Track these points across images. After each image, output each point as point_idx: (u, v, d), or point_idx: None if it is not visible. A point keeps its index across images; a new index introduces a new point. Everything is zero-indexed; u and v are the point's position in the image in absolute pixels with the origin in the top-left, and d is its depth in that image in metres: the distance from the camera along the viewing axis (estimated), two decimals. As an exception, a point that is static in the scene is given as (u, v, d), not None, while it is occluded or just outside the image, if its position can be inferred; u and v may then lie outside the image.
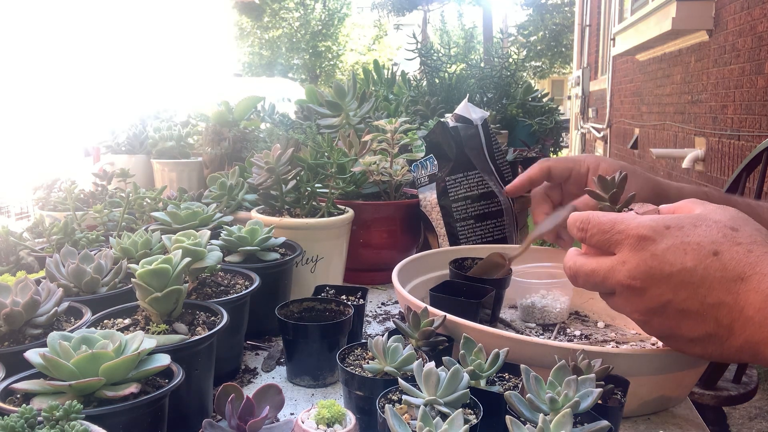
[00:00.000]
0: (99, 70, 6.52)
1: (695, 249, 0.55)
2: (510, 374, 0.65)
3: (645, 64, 6.27)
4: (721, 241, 0.55)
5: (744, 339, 0.54)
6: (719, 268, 0.54)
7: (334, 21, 20.90)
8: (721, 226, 0.56)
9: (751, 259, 0.53)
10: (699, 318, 0.55)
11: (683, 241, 0.55)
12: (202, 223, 0.98)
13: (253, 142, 1.40)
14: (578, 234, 0.63)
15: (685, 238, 0.56)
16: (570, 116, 10.85)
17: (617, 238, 0.59)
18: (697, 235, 0.56)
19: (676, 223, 0.57)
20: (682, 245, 0.55)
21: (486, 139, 1.15)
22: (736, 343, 0.54)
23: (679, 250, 0.55)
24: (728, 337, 0.55)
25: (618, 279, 0.58)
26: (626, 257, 0.58)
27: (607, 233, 0.59)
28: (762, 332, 0.52)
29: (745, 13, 3.83)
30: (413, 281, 0.94)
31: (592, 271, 0.61)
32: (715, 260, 0.54)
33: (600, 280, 0.61)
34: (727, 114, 4.06)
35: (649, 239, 0.56)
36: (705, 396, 1.71)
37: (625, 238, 0.58)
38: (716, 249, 0.54)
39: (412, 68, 2.22)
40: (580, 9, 11.04)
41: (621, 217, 0.60)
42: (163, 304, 0.66)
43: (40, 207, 1.19)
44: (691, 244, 0.55)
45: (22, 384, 0.51)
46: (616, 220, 0.59)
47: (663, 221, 0.57)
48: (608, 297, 0.63)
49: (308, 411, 0.55)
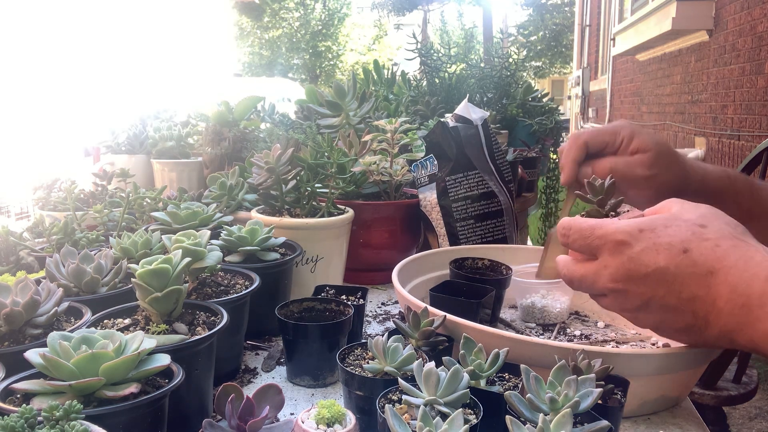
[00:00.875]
0: (99, 70, 6.52)
1: (667, 249, 0.59)
2: (510, 374, 0.65)
3: (645, 64, 6.28)
4: (690, 239, 0.59)
5: (719, 328, 0.58)
6: (690, 264, 0.58)
7: (334, 21, 20.89)
8: (690, 224, 0.60)
9: (719, 253, 0.57)
10: (678, 312, 0.60)
11: (655, 242, 0.59)
12: (202, 223, 0.98)
13: (253, 142, 1.40)
14: (562, 239, 0.67)
15: (657, 239, 0.59)
16: (570, 116, 10.85)
17: (597, 243, 0.63)
18: (668, 235, 0.59)
19: (649, 225, 0.61)
20: (655, 246, 0.59)
21: (486, 139, 1.15)
22: (713, 333, 0.58)
23: (653, 251, 0.59)
24: (705, 327, 0.59)
25: (603, 282, 0.63)
26: (607, 261, 0.62)
27: (587, 239, 0.64)
28: (732, 321, 0.56)
29: (745, 13, 3.83)
30: (413, 281, 0.94)
31: (582, 277, 0.65)
32: (685, 257, 0.58)
33: (590, 284, 0.65)
34: (727, 114, 4.06)
35: (626, 243, 0.61)
36: (705, 396, 1.71)
37: (605, 243, 0.62)
38: (686, 247, 0.58)
39: (412, 68, 2.21)
40: (580, 9, 11.05)
41: (600, 223, 0.64)
42: (163, 304, 0.66)
43: (40, 207, 1.19)
44: (663, 244, 0.59)
45: (22, 384, 0.51)
46: (595, 226, 0.63)
47: (637, 225, 0.61)
48: (599, 298, 0.66)
49: (308, 411, 0.55)
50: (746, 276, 0.55)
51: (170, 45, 8.70)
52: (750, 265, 0.56)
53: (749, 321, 0.55)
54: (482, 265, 0.97)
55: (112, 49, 7.01)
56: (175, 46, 8.84)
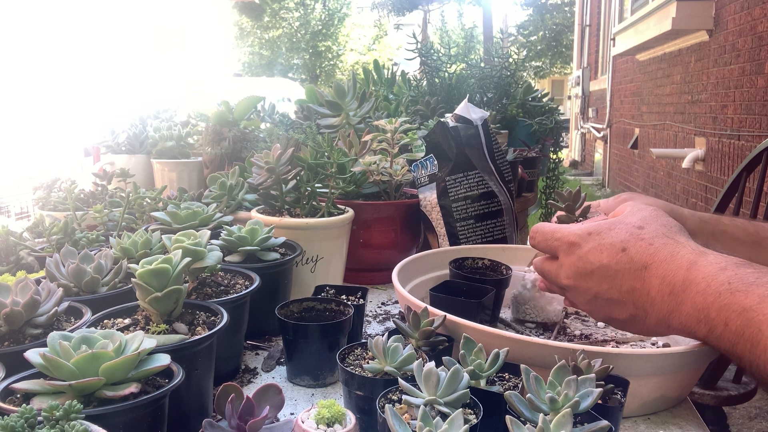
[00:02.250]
0: (99, 70, 6.52)
1: (609, 248, 0.67)
2: (510, 374, 0.65)
3: (645, 64, 6.28)
4: (628, 239, 0.67)
5: (655, 316, 0.65)
6: (627, 261, 0.66)
7: (334, 21, 20.88)
8: (629, 226, 0.68)
9: (651, 250, 0.65)
10: (621, 304, 0.67)
11: (600, 243, 0.68)
12: (202, 223, 0.98)
13: (253, 142, 1.40)
14: (531, 242, 0.76)
15: (602, 240, 0.68)
16: (570, 116, 10.85)
17: (555, 244, 0.72)
18: (611, 236, 0.68)
19: (596, 229, 0.70)
20: (599, 247, 0.68)
21: (486, 139, 1.15)
22: (652, 321, 0.66)
23: (597, 251, 0.68)
24: (645, 316, 0.66)
25: (561, 279, 0.72)
26: (563, 261, 0.72)
27: (548, 240, 0.73)
28: (665, 308, 0.63)
29: (745, 13, 3.83)
30: (413, 281, 0.94)
31: (547, 272, 0.75)
32: (623, 255, 0.66)
33: (552, 280, 0.74)
34: (727, 114, 4.06)
35: (576, 245, 0.70)
36: (705, 396, 1.71)
37: (561, 245, 0.72)
38: (624, 246, 0.67)
39: (412, 68, 2.21)
40: (580, 9, 11.05)
41: (559, 227, 0.73)
42: (163, 304, 0.66)
43: (40, 207, 1.19)
44: (606, 245, 0.68)
45: (22, 384, 0.51)
46: (555, 230, 0.73)
47: (587, 228, 0.70)
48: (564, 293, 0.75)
49: (308, 411, 0.55)
50: (672, 267, 0.63)
51: (170, 45, 8.70)
52: (675, 258, 0.63)
53: (676, 305, 0.62)
54: (482, 265, 0.97)
55: (112, 48, 7.01)
56: (175, 46, 8.84)
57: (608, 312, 0.69)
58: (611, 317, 0.70)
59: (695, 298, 0.60)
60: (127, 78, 6.85)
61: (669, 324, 0.64)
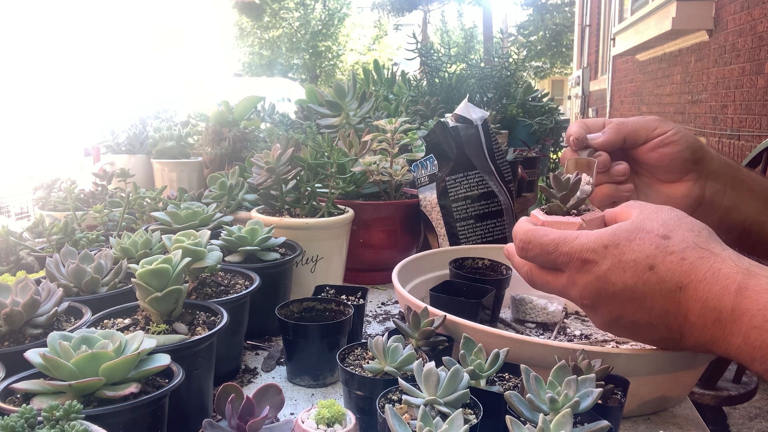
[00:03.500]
0: (99, 70, 6.52)
1: (633, 267, 0.58)
2: (510, 374, 0.65)
3: (645, 64, 6.28)
4: (655, 254, 0.57)
5: (693, 341, 0.58)
6: (657, 281, 0.57)
7: (334, 21, 20.88)
8: (653, 236, 0.58)
9: (685, 267, 0.56)
10: (651, 327, 0.59)
11: (621, 260, 0.58)
12: (202, 223, 0.98)
13: (253, 142, 1.40)
14: (520, 253, 0.65)
15: (623, 256, 0.58)
16: (570, 116, 10.85)
17: (562, 259, 0.61)
18: (632, 251, 0.58)
19: (613, 240, 0.59)
20: (621, 264, 0.58)
21: (486, 139, 1.15)
22: (688, 344, 0.58)
23: (619, 270, 0.58)
24: (680, 339, 0.59)
25: (572, 297, 0.63)
26: (575, 278, 0.61)
27: (550, 254, 0.62)
28: (707, 335, 0.56)
29: (745, 13, 3.83)
30: (413, 281, 0.94)
31: (546, 284, 0.65)
32: (652, 274, 0.57)
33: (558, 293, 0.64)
34: (727, 114, 4.06)
35: (592, 262, 0.60)
36: (705, 396, 1.71)
37: (570, 260, 0.61)
38: (651, 263, 0.57)
39: (412, 68, 2.22)
40: (580, 9, 11.04)
41: (563, 238, 0.62)
42: (163, 304, 0.66)
43: (40, 207, 1.19)
44: (629, 262, 0.58)
45: (22, 384, 0.51)
46: (559, 242, 0.62)
47: (601, 241, 0.60)
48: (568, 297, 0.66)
49: (308, 411, 0.55)
50: (716, 290, 0.54)
51: (170, 45, 8.70)
52: (719, 278, 0.55)
53: (723, 335, 0.55)
54: (482, 265, 0.97)
55: (112, 48, 7.01)
56: (175, 46, 8.83)
57: (633, 333, 0.62)
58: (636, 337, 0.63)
59: (750, 333, 0.52)
60: (127, 78, 6.85)
61: (711, 350, 0.57)
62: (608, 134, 0.77)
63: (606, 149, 0.77)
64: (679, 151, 0.77)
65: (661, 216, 0.60)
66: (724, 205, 0.79)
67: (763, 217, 0.80)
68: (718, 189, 0.79)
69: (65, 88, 5.87)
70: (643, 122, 0.78)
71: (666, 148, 0.77)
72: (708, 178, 0.79)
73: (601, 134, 0.77)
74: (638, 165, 0.81)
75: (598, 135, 0.77)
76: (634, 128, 0.78)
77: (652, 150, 0.78)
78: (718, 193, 0.79)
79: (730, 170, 0.80)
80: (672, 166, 0.78)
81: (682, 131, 0.78)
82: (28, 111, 5.42)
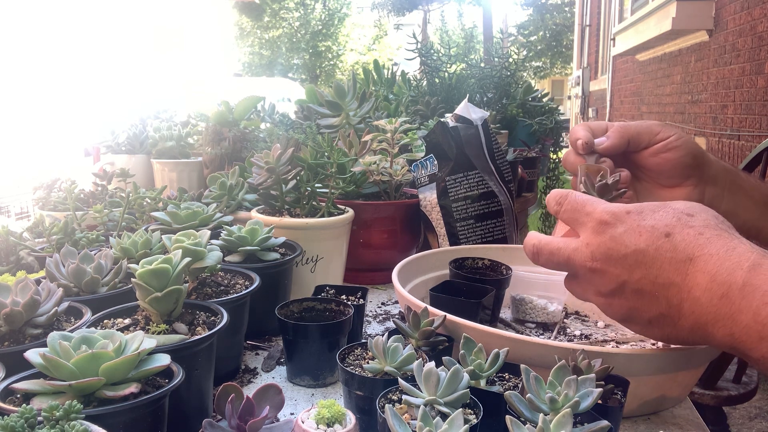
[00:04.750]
0: (99, 70, 6.52)
1: (649, 231, 0.57)
2: (510, 374, 0.65)
3: (645, 64, 6.28)
4: (674, 224, 0.57)
5: (693, 320, 0.55)
6: (670, 248, 0.56)
7: (334, 21, 20.88)
8: (677, 212, 0.58)
9: (701, 241, 0.55)
10: (652, 298, 0.57)
11: (639, 224, 0.58)
12: (202, 223, 0.98)
13: (253, 142, 1.40)
14: (554, 207, 0.66)
15: (642, 221, 0.58)
16: (570, 116, 10.85)
17: (583, 219, 0.62)
18: (654, 219, 0.58)
19: (637, 209, 0.59)
20: (638, 228, 0.58)
21: (486, 139, 1.15)
22: (686, 324, 0.56)
23: (635, 233, 0.58)
24: (679, 317, 0.56)
25: (582, 260, 0.61)
26: (589, 239, 0.61)
27: (577, 212, 0.62)
28: (710, 312, 0.53)
29: (745, 13, 3.83)
30: (413, 281, 0.94)
31: (557, 250, 0.63)
32: (666, 241, 0.56)
33: (564, 260, 0.63)
34: (727, 114, 4.06)
35: (609, 224, 0.59)
36: (705, 396, 1.71)
37: (590, 221, 0.61)
38: (668, 231, 0.56)
39: (412, 68, 2.22)
40: (580, 9, 11.05)
41: (591, 200, 0.62)
42: (163, 304, 0.66)
43: (40, 207, 1.19)
44: (646, 227, 0.57)
45: (22, 384, 0.51)
46: (587, 202, 0.62)
47: (625, 207, 0.60)
48: (570, 281, 0.65)
49: (308, 411, 0.55)
50: (728, 265, 0.53)
51: (171, 45, 8.70)
52: (732, 255, 0.53)
53: (729, 313, 0.52)
54: (482, 265, 0.97)
55: (112, 49, 7.01)
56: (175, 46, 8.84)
57: (632, 306, 0.60)
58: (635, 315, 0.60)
59: (761, 310, 0.50)
60: (127, 78, 6.85)
61: (709, 333, 0.54)
62: (613, 139, 0.77)
63: (610, 154, 0.77)
64: (681, 157, 0.77)
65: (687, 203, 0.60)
66: (723, 209, 0.79)
67: (760, 222, 0.80)
68: (717, 194, 0.79)
69: (65, 88, 5.87)
70: (645, 126, 0.78)
71: (668, 154, 0.77)
72: (707, 183, 0.79)
73: (606, 139, 0.77)
74: (639, 169, 0.81)
75: (603, 140, 0.77)
76: (637, 132, 0.78)
77: (654, 155, 0.78)
78: (716, 197, 0.79)
79: (729, 175, 0.80)
80: (673, 171, 0.78)
81: (684, 137, 0.78)
82: (28, 111, 5.42)
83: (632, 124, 0.78)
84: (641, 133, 0.78)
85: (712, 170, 0.79)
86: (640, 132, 0.78)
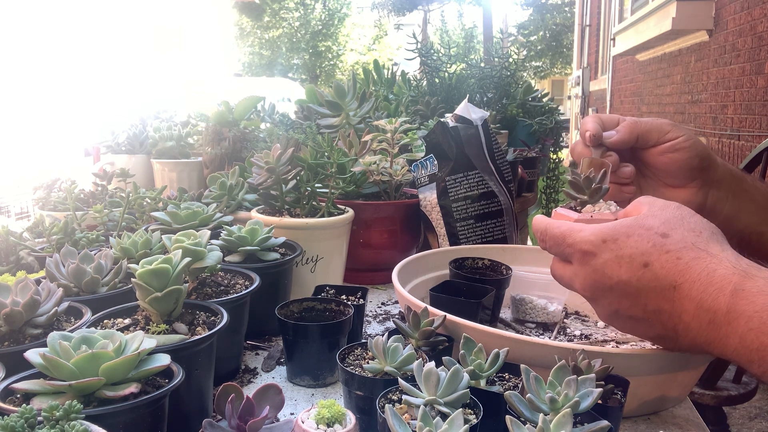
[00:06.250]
0: (99, 70, 6.52)
1: (628, 262, 0.58)
2: (510, 374, 0.65)
3: (645, 64, 6.28)
4: (651, 252, 0.58)
5: (689, 341, 0.57)
6: (652, 278, 0.57)
7: (334, 21, 20.88)
8: (651, 234, 0.58)
9: (680, 266, 0.56)
10: (647, 323, 0.60)
11: (617, 255, 0.59)
12: (202, 223, 0.98)
13: (253, 142, 1.40)
14: (540, 243, 0.68)
15: (619, 251, 0.59)
16: (570, 116, 10.85)
17: (568, 251, 0.64)
18: (629, 247, 0.59)
19: (612, 235, 0.60)
20: (617, 259, 0.59)
21: (486, 139, 1.15)
22: (685, 343, 0.58)
23: (615, 264, 0.59)
24: (676, 338, 0.59)
25: (576, 288, 0.64)
26: (577, 270, 0.63)
27: (560, 246, 0.65)
28: (702, 336, 0.55)
29: (745, 13, 3.83)
30: (413, 281, 0.94)
31: (560, 277, 0.67)
32: (647, 271, 0.57)
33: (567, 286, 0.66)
34: (727, 114, 4.06)
35: (591, 254, 0.61)
36: (705, 396, 1.71)
37: (574, 252, 0.63)
38: (646, 260, 0.57)
39: (412, 68, 2.22)
40: (580, 9, 11.04)
41: (569, 230, 0.64)
42: (163, 304, 0.66)
43: (40, 207, 1.19)
44: (624, 257, 0.59)
45: (22, 384, 0.51)
46: (566, 234, 0.64)
47: (601, 234, 0.61)
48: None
49: (308, 411, 0.55)
50: (711, 291, 0.54)
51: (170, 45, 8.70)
52: (713, 279, 0.54)
53: (719, 337, 0.54)
54: (482, 265, 0.97)
55: (112, 49, 7.01)
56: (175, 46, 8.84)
57: (632, 328, 0.62)
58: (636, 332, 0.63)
59: (747, 335, 0.52)
60: (127, 78, 6.84)
61: (707, 351, 0.57)
62: (622, 133, 0.77)
63: (618, 148, 0.77)
64: (688, 158, 0.77)
65: (665, 214, 0.60)
66: (725, 213, 0.79)
67: (762, 227, 0.80)
68: (721, 197, 0.79)
69: (65, 88, 5.87)
70: (656, 125, 0.78)
71: (676, 154, 0.77)
72: (712, 186, 0.79)
73: (615, 133, 0.77)
74: (645, 166, 0.81)
75: (612, 133, 0.77)
76: (647, 129, 0.77)
77: (662, 154, 0.78)
78: (720, 201, 0.79)
79: (734, 179, 0.80)
80: (679, 172, 0.78)
81: (693, 138, 0.78)
82: (28, 111, 5.42)
83: (643, 121, 0.78)
84: (651, 130, 0.78)
85: (717, 174, 0.79)
86: (650, 130, 0.78)
